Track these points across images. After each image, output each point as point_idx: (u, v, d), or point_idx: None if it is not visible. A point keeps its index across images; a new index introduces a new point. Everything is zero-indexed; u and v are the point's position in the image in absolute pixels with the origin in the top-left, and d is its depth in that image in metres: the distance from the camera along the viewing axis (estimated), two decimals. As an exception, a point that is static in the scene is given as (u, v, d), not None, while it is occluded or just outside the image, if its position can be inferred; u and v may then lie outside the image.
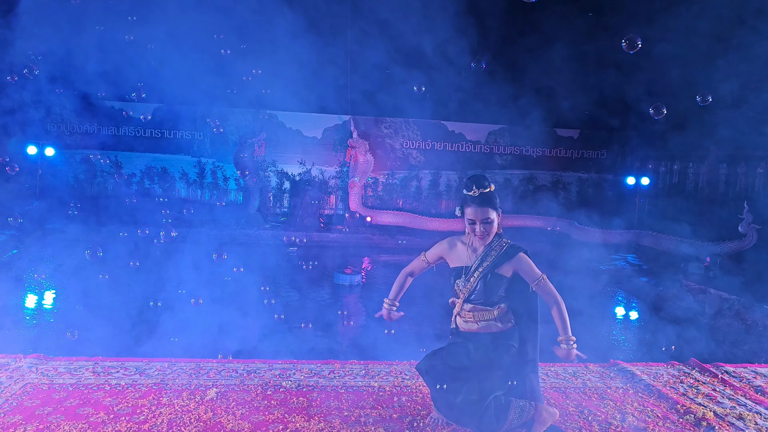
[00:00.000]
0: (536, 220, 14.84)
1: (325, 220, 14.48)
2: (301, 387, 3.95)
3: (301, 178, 14.76)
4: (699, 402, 3.95)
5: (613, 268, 10.51)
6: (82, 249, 8.78)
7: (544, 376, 4.38)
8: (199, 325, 6.25)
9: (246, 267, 8.68)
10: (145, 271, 8.50)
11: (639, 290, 9.07)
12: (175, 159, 14.50)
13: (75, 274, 8.55)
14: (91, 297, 7.01)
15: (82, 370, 4.08)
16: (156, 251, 9.58)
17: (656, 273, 9.67)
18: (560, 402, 3.90)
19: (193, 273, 8.35)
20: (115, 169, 14.10)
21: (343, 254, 11.90)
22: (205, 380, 3.99)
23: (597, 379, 4.36)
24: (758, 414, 3.78)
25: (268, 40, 9.80)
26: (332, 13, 10.73)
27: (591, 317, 7.53)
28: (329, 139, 15.12)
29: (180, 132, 14.47)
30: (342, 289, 8.72)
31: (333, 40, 11.07)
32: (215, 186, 14.68)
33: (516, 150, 15.78)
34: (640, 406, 3.88)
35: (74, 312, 6.67)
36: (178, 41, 8.80)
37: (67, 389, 3.75)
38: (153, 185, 14.38)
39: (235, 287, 8.27)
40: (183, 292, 7.13)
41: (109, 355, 4.43)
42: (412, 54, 10.88)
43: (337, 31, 11.26)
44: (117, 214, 12.53)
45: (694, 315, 7.73)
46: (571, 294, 8.98)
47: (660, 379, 4.39)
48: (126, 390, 3.78)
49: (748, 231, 10.06)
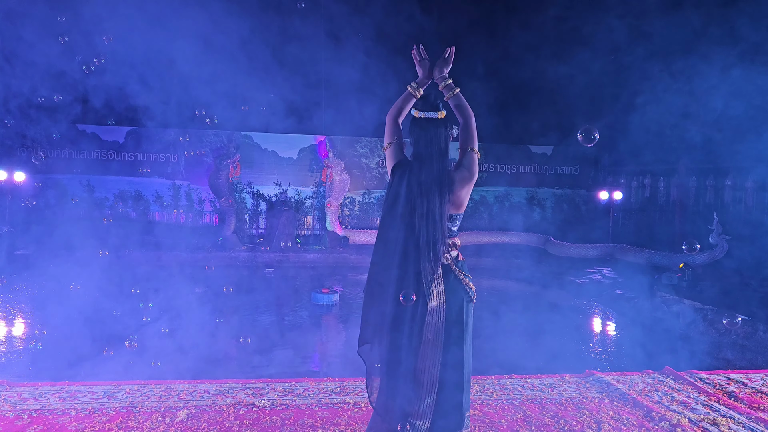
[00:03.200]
0: (512, 236, 14.93)
1: (302, 240, 14.40)
2: (275, 406, 3.88)
3: (277, 198, 14.69)
4: (674, 409, 3.97)
5: (589, 281, 10.59)
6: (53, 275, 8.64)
7: (520, 388, 4.37)
8: (171, 348, 6.15)
9: (223, 288, 8.61)
10: (123, 296, 8.38)
11: (615, 302, 9.14)
12: (149, 182, 14.35)
13: (46, 300, 8.38)
14: (61, 322, 6.85)
15: (48, 395, 3.97)
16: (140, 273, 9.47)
17: (631, 285, 9.76)
18: (537, 413, 3.88)
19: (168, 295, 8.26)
20: (87, 193, 13.90)
21: (320, 274, 11.82)
22: (176, 402, 3.90)
23: (573, 390, 4.36)
24: (731, 419, 3.81)
25: (241, 59, 9.81)
26: (306, 34, 10.79)
27: (568, 330, 7.57)
28: (305, 160, 15.13)
29: (154, 155, 14.35)
30: (319, 308, 8.65)
31: (307, 59, 11.13)
32: (190, 208, 14.54)
33: (491, 167, 15.93)
34: (615, 414, 3.88)
35: (45, 337, 6.50)
36: (152, 63, 8.77)
37: (31, 415, 3.63)
38: (127, 209, 14.20)
39: (208, 308, 8.18)
40: (147, 320, 7.05)
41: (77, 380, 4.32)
42: (385, 72, 10.98)
43: (312, 50, 11.32)
44: (88, 238, 12.37)
45: (668, 325, 7.80)
46: (549, 308, 9.05)
47: (635, 387, 4.40)
48: (93, 414, 3.67)
49: (719, 241, 10.22)
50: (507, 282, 11.30)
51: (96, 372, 5.04)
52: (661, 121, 11.11)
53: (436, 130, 2.74)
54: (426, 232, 2.65)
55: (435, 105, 2.77)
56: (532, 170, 16.10)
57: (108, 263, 10.87)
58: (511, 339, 6.79)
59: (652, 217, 13.80)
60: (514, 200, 15.96)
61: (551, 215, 15.85)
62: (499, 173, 15.93)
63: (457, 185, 2.71)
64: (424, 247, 2.65)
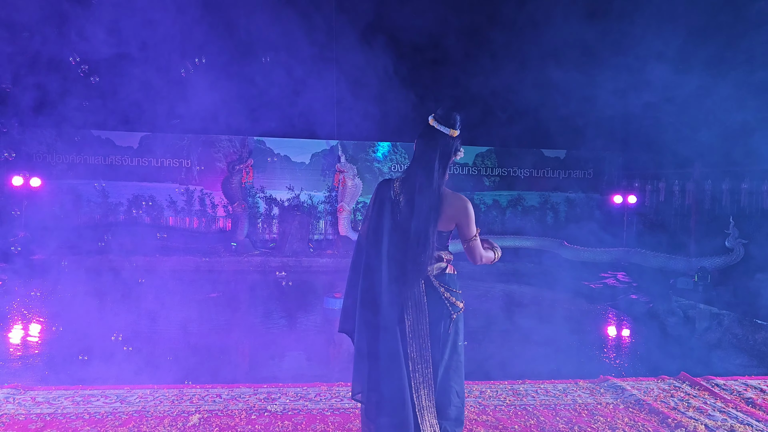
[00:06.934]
0: (525, 240, 14.85)
1: (314, 245, 14.42)
2: (286, 411, 3.87)
3: (289, 203, 14.73)
4: (690, 415, 3.91)
5: (603, 286, 10.49)
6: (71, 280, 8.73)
7: (533, 393, 4.33)
8: (183, 351, 6.17)
9: (236, 293, 8.65)
10: (135, 301, 8.45)
11: (629, 307, 9.05)
12: (163, 187, 14.44)
13: (61, 305, 8.46)
14: (80, 326, 6.91)
15: (61, 399, 3.99)
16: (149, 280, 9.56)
17: (646, 290, 9.66)
18: (550, 419, 3.84)
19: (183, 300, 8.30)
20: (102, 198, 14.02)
21: (333, 279, 11.82)
22: (188, 406, 3.91)
23: (587, 396, 4.31)
24: (749, 426, 3.74)
25: (254, 64, 9.87)
26: (318, 39, 10.82)
27: (582, 335, 7.50)
28: (317, 164, 15.16)
29: (167, 160, 14.46)
30: (331, 313, 8.64)
31: (320, 64, 11.15)
32: (203, 213, 14.61)
33: (503, 171, 15.88)
34: (630, 421, 3.83)
35: (64, 342, 6.55)
36: (164, 67, 8.85)
37: (44, 419, 3.65)
38: (140, 213, 14.29)
39: (221, 313, 8.21)
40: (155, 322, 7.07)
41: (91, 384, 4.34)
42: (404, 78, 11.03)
43: (324, 55, 11.35)
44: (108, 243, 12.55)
45: (683, 330, 7.71)
46: (562, 312, 8.97)
47: (650, 393, 4.34)
48: (106, 418, 3.69)
49: (735, 246, 10.09)
50: (520, 287, 11.23)
51: (110, 375, 5.07)
52: (676, 124, 11.01)
53: (444, 143, 2.69)
54: (409, 248, 2.62)
55: (451, 122, 2.70)
56: (545, 174, 16.01)
57: (118, 269, 10.98)
58: (523, 344, 6.74)
59: (667, 221, 13.66)
60: (527, 204, 15.87)
61: (565, 219, 15.75)
62: (511, 177, 15.85)
63: (443, 217, 2.68)
64: (408, 263, 2.62)
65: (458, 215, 2.68)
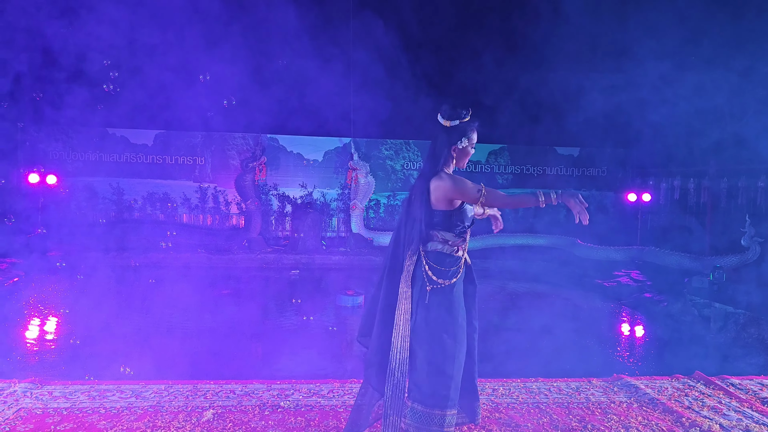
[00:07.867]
0: (538, 238, 14.78)
1: (327, 242, 14.45)
2: (299, 407, 3.90)
3: (302, 201, 14.78)
4: (704, 415, 3.88)
5: (617, 284, 10.43)
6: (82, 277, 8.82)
7: (546, 391, 4.32)
8: (204, 349, 6.22)
9: (249, 291, 8.71)
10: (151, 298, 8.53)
11: (643, 306, 8.99)
12: (177, 184, 14.54)
13: (77, 300, 8.56)
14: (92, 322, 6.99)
15: (78, 393, 4.04)
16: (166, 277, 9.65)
17: (660, 288, 9.59)
18: (563, 417, 3.83)
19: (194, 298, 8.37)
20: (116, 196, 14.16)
21: (345, 276, 11.84)
22: (202, 402, 3.94)
23: (600, 394, 4.29)
24: (765, 426, 3.71)
25: (266, 62, 9.90)
26: (334, 36, 10.82)
27: (596, 333, 7.46)
28: (330, 162, 15.19)
29: (181, 157, 14.56)
30: (344, 310, 8.67)
31: (333, 61, 11.16)
32: (217, 210, 14.69)
33: (517, 169, 15.81)
34: (644, 420, 3.81)
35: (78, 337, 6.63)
36: (177, 66, 8.91)
37: (61, 413, 3.70)
38: (155, 211, 14.40)
39: (233, 310, 8.26)
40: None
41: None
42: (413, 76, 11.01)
43: (338, 53, 11.36)
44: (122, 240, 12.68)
45: (698, 329, 7.65)
46: (576, 311, 8.93)
47: (664, 392, 4.31)
48: (121, 413, 3.73)
49: (751, 244, 9.98)
50: (534, 284, 11.18)
51: (126, 372, 5.12)
52: (690, 122, 10.90)
53: (440, 134, 2.97)
54: (406, 230, 2.99)
55: (445, 114, 2.93)
56: (559, 172, 15.92)
57: (131, 266, 11.09)
58: (537, 342, 6.72)
59: (682, 219, 13.52)
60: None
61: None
62: (525, 175, 15.78)
63: (433, 198, 2.92)
64: (403, 241, 3.00)
65: (447, 193, 2.88)
